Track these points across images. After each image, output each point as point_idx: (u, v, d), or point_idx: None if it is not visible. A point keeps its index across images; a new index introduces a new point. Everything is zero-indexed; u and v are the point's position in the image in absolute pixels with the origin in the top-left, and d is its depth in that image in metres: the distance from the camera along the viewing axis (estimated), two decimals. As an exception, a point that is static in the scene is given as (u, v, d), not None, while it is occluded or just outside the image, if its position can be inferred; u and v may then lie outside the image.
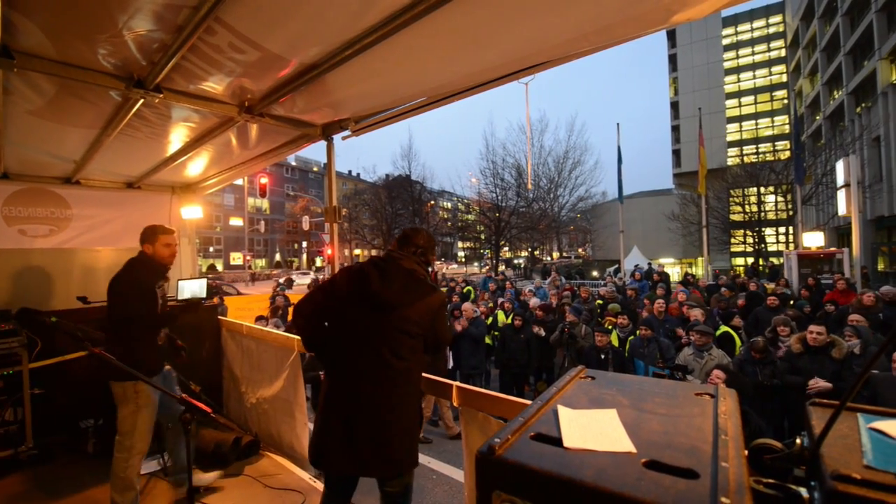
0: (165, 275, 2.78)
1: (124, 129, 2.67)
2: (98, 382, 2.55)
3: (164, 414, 2.73)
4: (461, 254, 55.60)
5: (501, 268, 27.68)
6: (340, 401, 1.83)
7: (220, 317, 4.45)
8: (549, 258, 41.77)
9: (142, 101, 2.20)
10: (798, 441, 0.79)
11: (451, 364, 6.27)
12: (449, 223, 39.58)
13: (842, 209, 10.98)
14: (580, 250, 49.69)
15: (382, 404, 1.82)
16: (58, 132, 2.80)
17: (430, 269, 2.04)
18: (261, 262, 49.36)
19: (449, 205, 52.15)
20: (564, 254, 49.46)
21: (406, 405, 1.89)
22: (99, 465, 3.23)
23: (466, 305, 6.67)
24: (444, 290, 11.22)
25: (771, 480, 0.75)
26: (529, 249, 34.58)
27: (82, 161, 3.45)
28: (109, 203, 4.32)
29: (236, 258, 45.91)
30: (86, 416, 3.55)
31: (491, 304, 8.63)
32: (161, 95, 2.12)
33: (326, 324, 1.97)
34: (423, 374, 2.39)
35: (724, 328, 5.72)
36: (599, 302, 8.76)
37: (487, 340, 6.80)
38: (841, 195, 10.84)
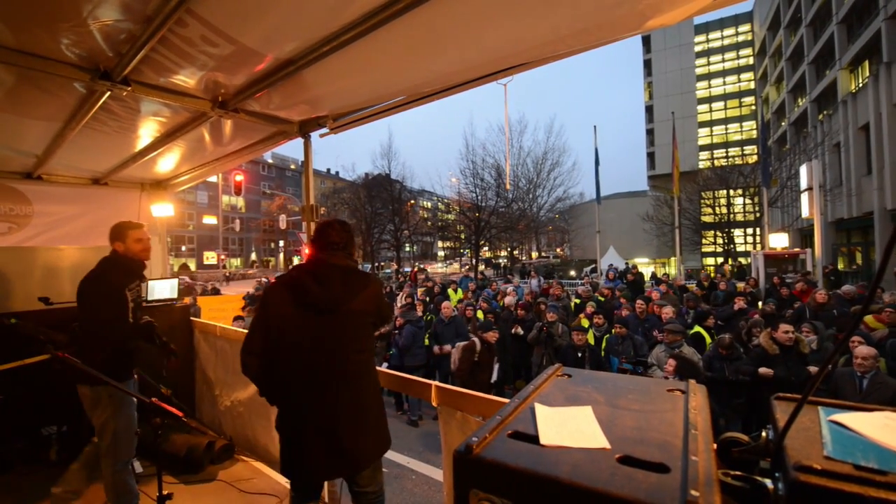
0: (141, 273, 2.67)
1: (90, 122, 2.56)
2: (62, 387, 2.44)
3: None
4: (441, 253, 55.55)
5: (481, 267, 27.81)
6: (310, 411, 1.80)
7: (192, 318, 4.32)
8: (527, 258, 42.17)
9: (108, 93, 2.11)
10: (763, 434, 0.82)
11: (495, 377, 5.71)
12: (429, 223, 39.49)
13: (805, 211, 11.48)
14: (558, 250, 50.32)
15: (353, 402, 1.83)
16: (17, 125, 2.65)
17: (356, 261, 2.06)
18: (236, 262, 48.21)
19: (429, 204, 52.01)
20: (543, 253, 50.01)
21: (373, 394, 1.94)
22: (62, 474, 3.09)
23: (445, 304, 6.68)
24: (421, 289, 11.22)
25: (738, 472, 0.78)
26: (509, 249, 34.83)
27: (44, 155, 3.29)
28: (74, 200, 4.13)
29: (210, 257, 44.67)
30: (48, 422, 3.38)
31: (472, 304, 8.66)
32: (129, 88, 2.04)
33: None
34: (404, 376, 2.38)
35: (696, 328, 5.88)
36: (576, 301, 8.92)
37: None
38: (804, 198, 11.32)
